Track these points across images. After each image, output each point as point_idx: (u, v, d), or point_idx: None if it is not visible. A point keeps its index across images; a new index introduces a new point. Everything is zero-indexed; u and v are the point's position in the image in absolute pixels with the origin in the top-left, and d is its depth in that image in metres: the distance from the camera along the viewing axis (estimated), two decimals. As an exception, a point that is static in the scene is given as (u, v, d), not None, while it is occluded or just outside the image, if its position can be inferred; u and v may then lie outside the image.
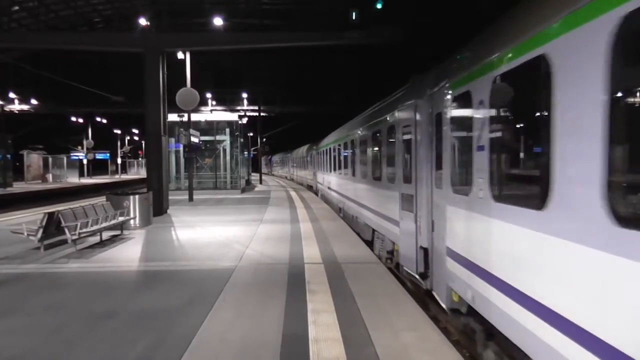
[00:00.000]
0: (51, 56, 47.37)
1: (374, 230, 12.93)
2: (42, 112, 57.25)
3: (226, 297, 7.58)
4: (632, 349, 3.03)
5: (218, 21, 25.19)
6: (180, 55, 25.73)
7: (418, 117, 8.67)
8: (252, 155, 60.64)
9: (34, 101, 53.71)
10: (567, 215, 3.82)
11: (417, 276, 8.62)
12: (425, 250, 8.25)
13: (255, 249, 11.64)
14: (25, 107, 54.07)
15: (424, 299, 8.90)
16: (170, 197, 21.46)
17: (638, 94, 3.22)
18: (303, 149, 46.13)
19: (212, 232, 14.56)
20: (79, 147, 69.05)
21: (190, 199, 25.57)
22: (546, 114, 4.11)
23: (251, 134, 58.89)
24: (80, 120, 65.50)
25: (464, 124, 6.36)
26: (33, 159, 54.60)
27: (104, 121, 67.93)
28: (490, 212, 5.32)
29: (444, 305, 7.38)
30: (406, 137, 9.41)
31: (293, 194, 31.61)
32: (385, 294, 7.63)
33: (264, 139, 57.22)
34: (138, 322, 6.52)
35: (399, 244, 10.06)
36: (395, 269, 10.54)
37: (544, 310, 4.09)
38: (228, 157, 34.45)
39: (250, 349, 5.49)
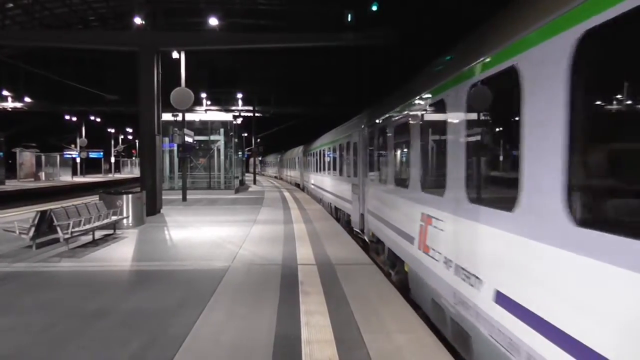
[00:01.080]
0: (45, 54, 47.25)
1: (337, 209, 19.75)
2: (35, 110, 56.97)
3: (219, 298, 7.56)
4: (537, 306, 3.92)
5: (213, 21, 25.19)
6: (175, 54, 25.68)
7: (358, 139, 14.14)
8: (246, 156, 60.64)
9: (27, 99, 53.47)
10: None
11: (359, 231, 14.27)
12: (362, 215, 13.59)
13: (249, 250, 11.63)
14: (18, 105, 53.83)
15: (364, 245, 13.62)
16: (163, 197, 21.40)
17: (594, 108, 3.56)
18: (291, 152, 54.71)
19: (206, 232, 14.53)
20: (72, 146, 68.82)
21: (184, 198, 25.52)
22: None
23: (245, 134, 58.88)
24: (74, 119, 65.27)
25: (375, 143, 11.91)
26: (26, 157, 54.37)
27: (98, 120, 67.75)
28: (380, 188, 11.07)
29: (367, 239, 13.06)
30: (353, 149, 15.33)
31: (287, 194, 31.60)
32: (378, 295, 7.64)
33: (258, 140, 57.20)
34: (130, 321, 6.50)
35: (350, 214, 15.96)
36: (348, 227, 16.12)
37: (403, 233, 8.61)
38: (222, 157, 34.40)
39: (243, 350, 5.47)
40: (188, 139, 25.81)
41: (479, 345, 5.16)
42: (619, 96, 3.33)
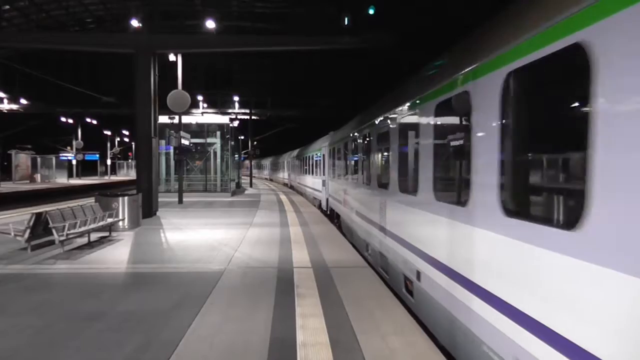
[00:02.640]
0: (41, 55, 47.13)
1: (314, 197, 27.49)
2: (31, 112, 56.76)
3: (214, 301, 7.56)
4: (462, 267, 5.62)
5: (210, 24, 25.17)
6: (172, 57, 25.68)
7: (325, 152, 22.01)
8: (243, 159, 60.60)
9: (23, 101, 53.28)
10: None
11: (324, 208, 22.25)
12: (327, 199, 21.41)
13: (245, 252, 11.62)
14: (14, 106, 53.59)
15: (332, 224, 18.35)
16: (159, 199, 21.37)
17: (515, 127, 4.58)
18: (280, 157, 63.72)
19: (201, 235, 14.52)
20: (68, 148, 68.63)
21: (180, 201, 25.49)
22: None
23: (242, 137, 58.85)
24: (70, 121, 65.06)
25: (333, 156, 19.19)
26: (21, 159, 54.21)
27: (94, 122, 67.52)
28: (335, 181, 18.55)
29: (328, 212, 21.26)
30: (322, 158, 23.34)
31: (283, 197, 31.59)
32: (374, 298, 7.65)
33: (255, 142, 57.20)
34: (125, 324, 6.49)
35: (321, 200, 23.84)
36: (319, 209, 23.69)
37: (341, 203, 16.72)
38: (218, 160, 34.37)
39: (238, 353, 5.48)
40: (184, 142, 25.79)
41: (372, 252, 11.16)
42: (532, 118, 4.42)
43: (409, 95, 7.98)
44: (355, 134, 13.55)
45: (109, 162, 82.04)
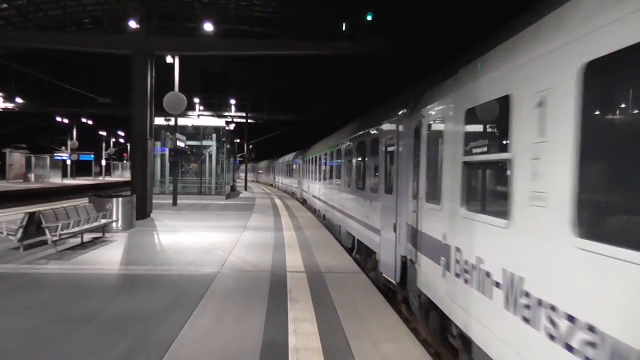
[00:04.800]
0: (37, 55, 46.85)
1: (293, 193, 38.68)
2: (26, 111, 56.53)
3: (207, 304, 7.54)
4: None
5: (208, 27, 25.20)
6: (169, 59, 25.66)
7: (300, 162, 34.20)
8: (238, 162, 60.57)
9: (18, 100, 53.07)
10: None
11: (299, 199, 32.90)
12: (301, 193, 33.31)
13: (238, 256, 11.60)
14: (9, 105, 53.36)
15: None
16: (154, 201, 21.31)
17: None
18: (267, 163, 76.12)
19: (195, 238, 14.48)
20: (63, 148, 68.36)
21: (174, 203, 25.42)
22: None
23: (238, 141, 58.79)
24: (65, 121, 64.81)
25: (305, 164, 29.92)
26: (15, 158, 53.99)
27: (90, 122, 67.29)
28: (307, 181, 29.14)
29: (300, 202, 31.46)
30: (298, 166, 35.41)
31: (278, 201, 31.60)
32: (366, 304, 7.65)
33: (250, 146, 57.18)
34: (116, 325, 6.46)
35: (302, 196, 31.95)
36: (302, 203, 30.41)
37: (310, 194, 27.55)
38: (214, 163, 34.33)
39: (230, 357, 5.47)
40: (180, 144, 25.74)
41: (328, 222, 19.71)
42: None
43: (329, 142, 20.32)
44: (314, 155, 25.03)
45: (103, 162, 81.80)
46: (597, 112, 3.33)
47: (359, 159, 13.41)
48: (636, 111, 3.03)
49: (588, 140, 3.20)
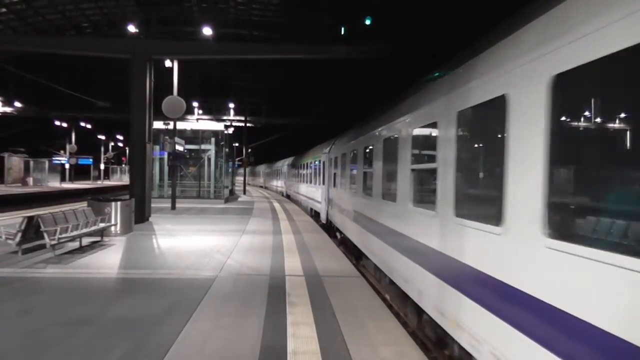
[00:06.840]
0: (36, 59, 46.99)
1: (281, 192, 48.49)
2: (25, 115, 56.61)
3: (205, 307, 7.53)
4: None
5: (207, 31, 25.24)
6: (168, 63, 25.69)
7: (285, 168, 46.44)
8: (237, 166, 60.61)
9: (17, 104, 53.11)
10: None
11: (286, 197, 42.74)
12: (287, 191, 44.39)
13: (237, 260, 11.60)
14: (8, 109, 53.44)
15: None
16: (152, 205, 21.30)
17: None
18: (260, 167, 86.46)
19: (194, 241, 14.47)
20: (62, 152, 68.31)
21: (173, 207, 25.41)
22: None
23: (237, 144, 58.86)
24: (64, 125, 64.85)
25: (291, 170, 41.78)
26: (14, 162, 53.95)
27: (88, 126, 67.33)
28: (292, 181, 40.96)
29: (286, 197, 42.95)
30: (285, 171, 47.69)
31: (276, 205, 31.57)
32: (365, 308, 7.65)
33: (249, 150, 57.25)
34: (115, 329, 6.46)
35: (285, 191, 46.26)
36: (287, 197, 42.38)
37: (294, 190, 38.86)
38: (212, 167, 34.35)
39: (228, 360, 5.46)
40: (179, 148, 25.75)
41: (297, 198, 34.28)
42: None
43: (295, 160, 36.40)
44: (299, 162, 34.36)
45: (102, 166, 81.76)
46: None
47: (310, 171, 27.30)
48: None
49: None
